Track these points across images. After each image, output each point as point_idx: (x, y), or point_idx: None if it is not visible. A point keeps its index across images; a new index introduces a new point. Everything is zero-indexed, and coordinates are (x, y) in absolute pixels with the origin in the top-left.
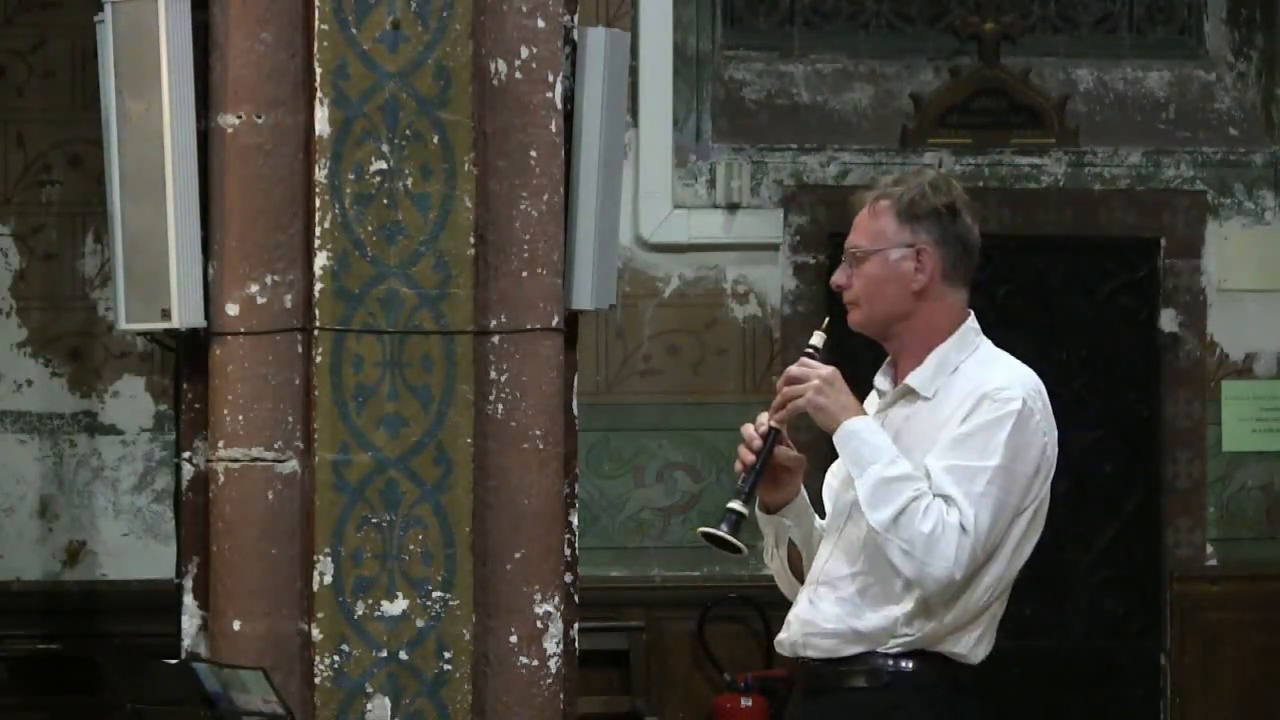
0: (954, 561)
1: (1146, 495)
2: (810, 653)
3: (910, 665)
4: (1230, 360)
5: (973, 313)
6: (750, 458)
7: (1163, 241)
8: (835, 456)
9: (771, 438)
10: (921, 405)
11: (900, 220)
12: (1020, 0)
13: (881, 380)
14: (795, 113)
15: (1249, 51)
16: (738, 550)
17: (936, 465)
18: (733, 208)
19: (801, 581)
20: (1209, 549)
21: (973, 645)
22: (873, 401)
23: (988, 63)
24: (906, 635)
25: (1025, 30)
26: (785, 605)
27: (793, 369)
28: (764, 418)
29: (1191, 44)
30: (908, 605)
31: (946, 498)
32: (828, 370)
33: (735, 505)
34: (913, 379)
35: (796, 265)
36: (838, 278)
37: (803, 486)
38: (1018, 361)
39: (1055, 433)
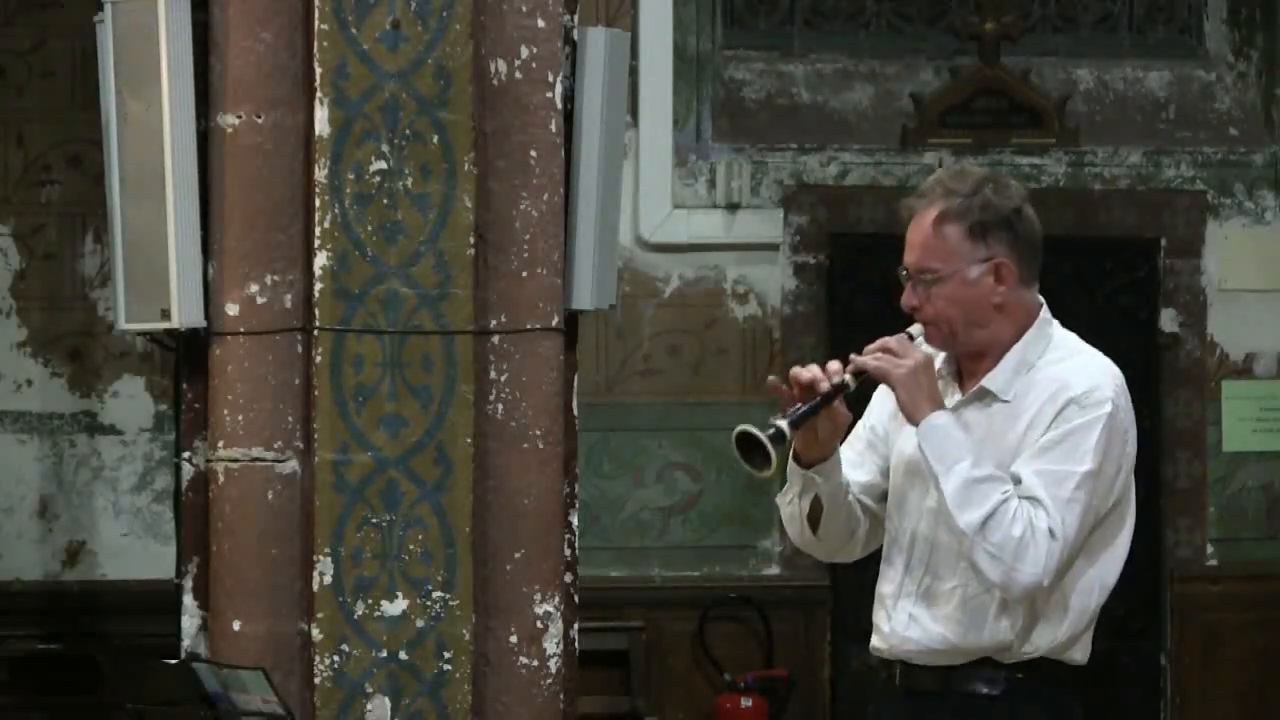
0: (1043, 568)
1: (1146, 495)
2: (918, 660)
3: (1025, 674)
4: (1230, 360)
5: (1044, 302)
6: (807, 376)
7: (1163, 241)
8: None
9: (841, 389)
10: (999, 408)
11: (973, 236)
12: (1020, 0)
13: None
14: (795, 113)
15: (1249, 51)
16: (765, 464)
17: (1025, 470)
18: (733, 208)
19: (815, 530)
20: (1209, 549)
21: (1086, 650)
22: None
23: (988, 63)
24: (1027, 653)
25: (1025, 30)
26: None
27: (893, 342)
28: (835, 366)
29: (1191, 44)
30: (1018, 618)
31: (1034, 500)
32: (926, 356)
33: (781, 423)
34: (991, 382)
35: (796, 265)
36: (909, 299)
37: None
38: (1096, 351)
39: (1135, 426)
